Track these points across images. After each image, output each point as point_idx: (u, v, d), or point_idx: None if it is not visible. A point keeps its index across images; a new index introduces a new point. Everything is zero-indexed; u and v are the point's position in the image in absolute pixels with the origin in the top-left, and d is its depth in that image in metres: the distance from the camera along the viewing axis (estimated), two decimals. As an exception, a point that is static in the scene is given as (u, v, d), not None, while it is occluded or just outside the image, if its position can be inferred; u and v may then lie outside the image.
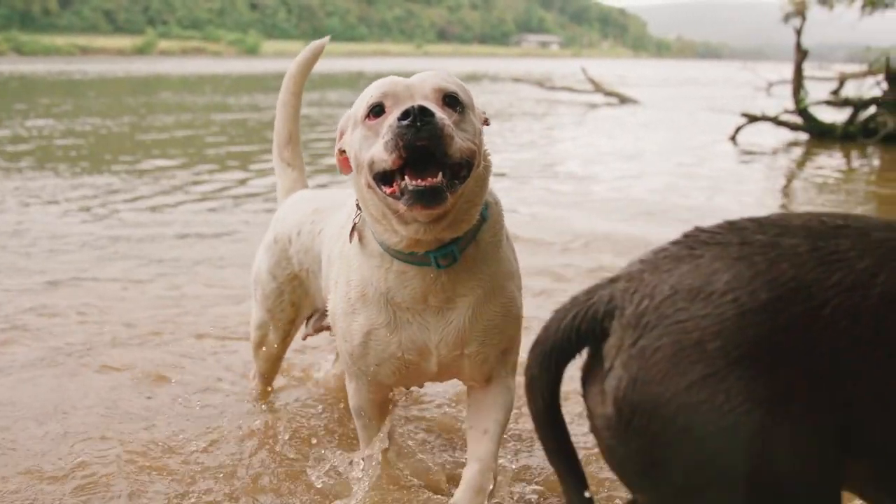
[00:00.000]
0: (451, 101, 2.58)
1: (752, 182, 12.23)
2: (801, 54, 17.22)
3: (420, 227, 2.59)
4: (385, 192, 2.52)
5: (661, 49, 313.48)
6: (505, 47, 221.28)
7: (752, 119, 16.59)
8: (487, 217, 2.79)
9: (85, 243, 7.44)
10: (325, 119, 20.55)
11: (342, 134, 2.78)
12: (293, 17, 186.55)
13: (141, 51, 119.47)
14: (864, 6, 23.43)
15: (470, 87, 2.68)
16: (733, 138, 16.70)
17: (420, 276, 2.72)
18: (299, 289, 3.61)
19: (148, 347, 4.92)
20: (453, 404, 4.13)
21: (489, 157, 2.76)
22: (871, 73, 18.08)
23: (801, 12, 20.23)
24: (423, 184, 2.42)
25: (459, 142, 2.48)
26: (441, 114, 2.47)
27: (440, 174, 2.44)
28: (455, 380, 3.11)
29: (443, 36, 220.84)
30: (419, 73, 2.68)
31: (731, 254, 1.81)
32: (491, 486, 2.90)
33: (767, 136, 17.31)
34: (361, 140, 2.59)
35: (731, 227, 1.89)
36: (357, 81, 41.92)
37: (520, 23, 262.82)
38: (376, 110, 2.56)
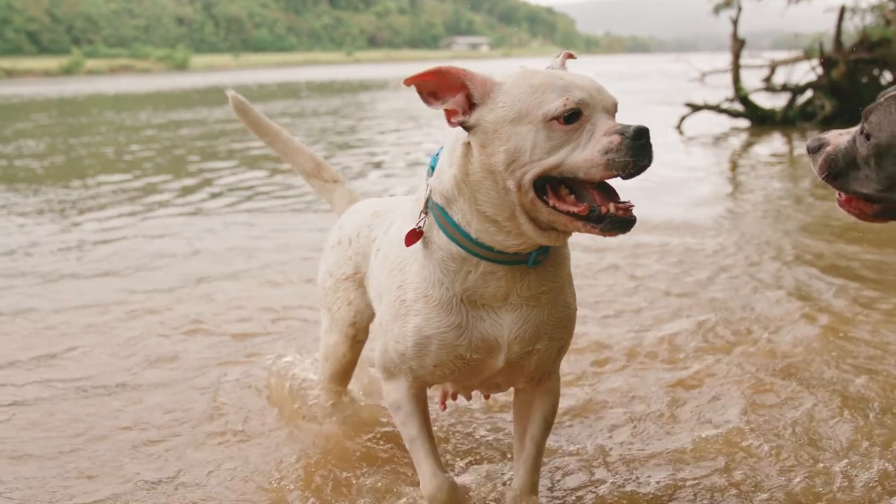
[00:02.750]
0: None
1: (701, 169, 12.65)
2: (739, 44, 17.72)
3: (560, 236, 2.58)
4: (560, 208, 2.47)
5: (591, 45, 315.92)
6: (436, 51, 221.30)
7: (696, 108, 17.04)
8: None
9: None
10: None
11: (466, 110, 2.55)
12: (221, 30, 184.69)
13: (68, 71, 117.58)
14: (791, -6, 24.07)
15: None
16: (678, 127, 17.13)
17: (509, 274, 2.68)
18: (353, 290, 3.55)
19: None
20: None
21: None
22: (802, 58, 18.62)
23: (730, 3, 20.75)
24: (628, 213, 2.45)
25: None
26: None
27: (629, 201, 2.48)
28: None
29: (373, 42, 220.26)
30: (583, 76, 2.60)
31: None
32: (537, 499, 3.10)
33: (710, 125, 17.76)
34: (539, 140, 2.45)
35: None
36: (296, 91, 41.92)
37: (449, 26, 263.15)
38: (573, 117, 2.46)
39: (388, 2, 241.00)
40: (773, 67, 19.45)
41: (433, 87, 2.55)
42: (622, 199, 2.49)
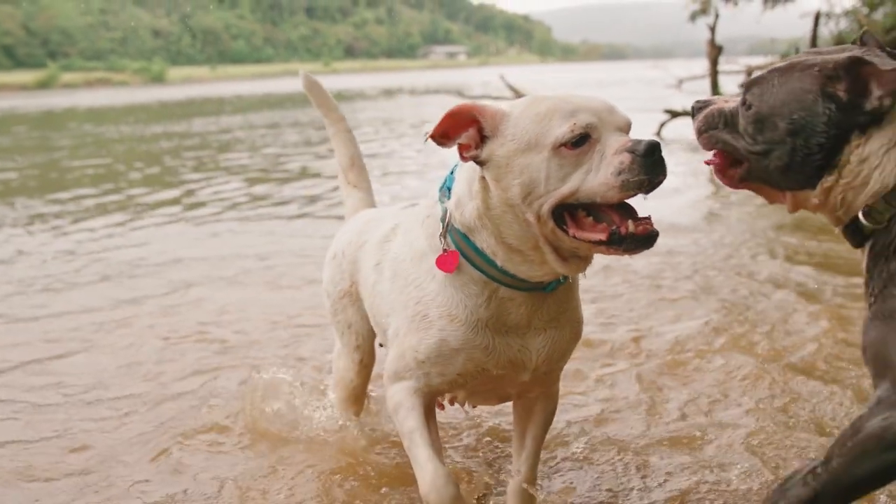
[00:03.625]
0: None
1: (682, 174, 12.77)
2: (716, 50, 17.91)
3: (580, 263, 2.58)
4: (581, 237, 2.45)
5: (568, 53, 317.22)
6: (413, 60, 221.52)
7: (674, 115, 17.15)
8: None
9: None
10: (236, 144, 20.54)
11: (478, 143, 2.54)
12: (198, 42, 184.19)
13: (44, 84, 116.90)
14: (766, 1, 24.32)
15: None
16: (658, 133, 17.26)
17: (529, 301, 2.69)
18: (351, 308, 3.49)
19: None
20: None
21: None
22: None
23: (706, 10, 20.95)
24: (648, 228, 2.42)
25: None
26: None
27: (649, 216, 2.45)
28: None
29: (350, 52, 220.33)
30: (593, 97, 2.56)
31: None
32: (536, 489, 3.19)
33: (689, 130, 17.88)
34: (552, 168, 2.43)
35: None
36: (283, 103, 41.90)
37: (426, 35, 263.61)
38: (583, 139, 2.43)
39: (365, 12, 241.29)
40: (749, 73, 19.63)
41: (445, 129, 2.53)
42: (640, 213, 2.47)
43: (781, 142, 2.41)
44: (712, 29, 18.39)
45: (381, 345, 3.48)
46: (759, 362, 4.79)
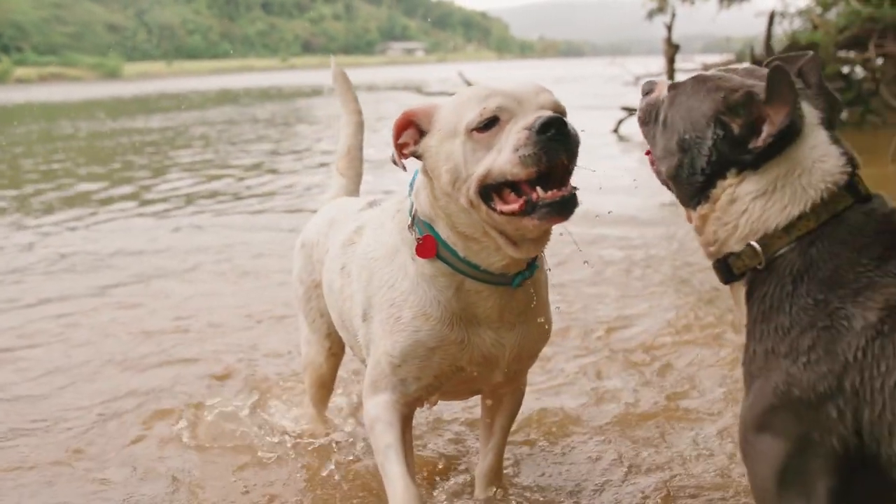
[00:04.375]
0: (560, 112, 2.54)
1: (640, 170, 12.93)
2: (673, 48, 18.11)
3: (531, 245, 2.57)
4: (501, 209, 2.46)
5: (525, 50, 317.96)
6: (370, 56, 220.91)
7: (632, 112, 17.31)
8: None
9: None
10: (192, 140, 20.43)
11: (417, 140, 2.65)
12: (154, 37, 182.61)
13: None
14: (721, 0, 24.61)
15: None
16: (616, 130, 17.44)
17: (496, 294, 2.69)
18: (323, 297, 3.46)
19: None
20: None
21: None
22: (734, 61, 19.07)
23: (663, 8, 21.17)
24: (559, 194, 2.40)
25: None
26: (571, 125, 2.45)
27: (570, 184, 2.44)
28: None
29: (307, 48, 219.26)
30: (521, 82, 2.61)
31: None
32: (497, 481, 3.28)
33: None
34: (467, 153, 2.49)
35: None
36: (240, 99, 41.71)
37: (384, 31, 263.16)
38: (489, 123, 2.48)
39: (322, 7, 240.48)
40: (706, 70, 19.82)
41: (396, 138, 2.66)
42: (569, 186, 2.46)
43: (673, 153, 2.33)
44: (669, 27, 18.58)
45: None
46: (731, 352, 4.81)
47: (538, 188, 2.41)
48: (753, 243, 2.19)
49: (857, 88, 17.52)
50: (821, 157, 2.16)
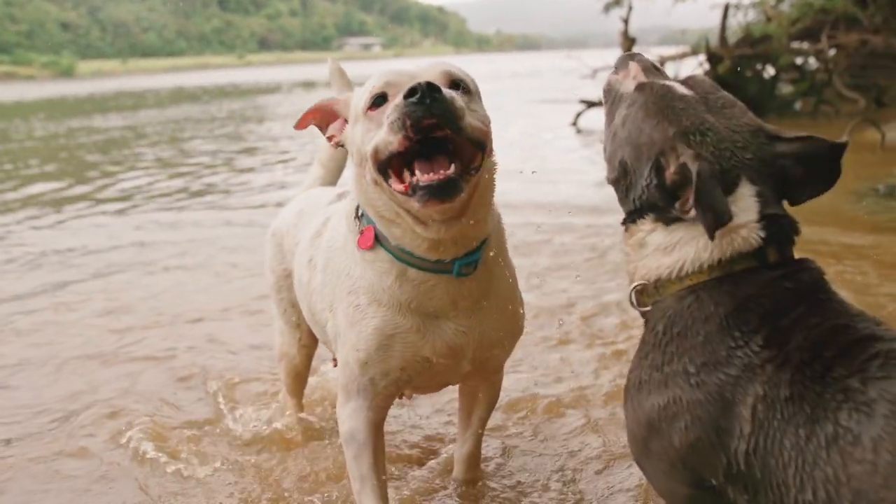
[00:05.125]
0: (459, 87, 2.47)
1: (600, 162, 13.10)
2: (629, 41, 18.26)
3: (439, 226, 2.47)
4: (394, 189, 2.41)
5: (482, 44, 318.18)
6: (328, 52, 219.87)
7: (590, 105, 17.47)
8: (494, 223, 2.75)
9: None
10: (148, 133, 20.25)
11: (329, 120, 2.73)
12: (108, 35, 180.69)
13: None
14: (679, -8, 24.79)
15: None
16: (574, 124, 17.57)
17: (443, 283, 2.62)
18: (293, 288, 3.42)
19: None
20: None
21: (495, 158, 2.66)
22: (690, 54, 19.26)
23: (619, 1, 21.30)
24: (435, 177, 2.31)
25: (471, 120, 2.37)
26: (449, 91, 2.35)
27: (452, 165, 2.33)
28: None
29: (264, 45, 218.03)
30: (422, 62, 2.60)
31: None
32: (474, 470, 3.37)
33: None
34: (363, 133, 2.47)
35: None
36: (198, 97, 41.37)
37: (340, 27, 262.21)
38: (378, 101, 2.44)
39: (278, 4, 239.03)
40: (661, 63, 20.00)
41: (320, 122, 2.75)
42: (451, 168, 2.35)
43: (615, 167, 2.29)
44: (626, 20, 18.74)
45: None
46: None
47: (417, 170, 2.34)
48: (650, 283, 2.22)
49: (811, 79, 17.82)
50: (731, 228, 2.08)
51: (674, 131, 2.12)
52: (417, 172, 2.33)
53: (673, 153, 2.11)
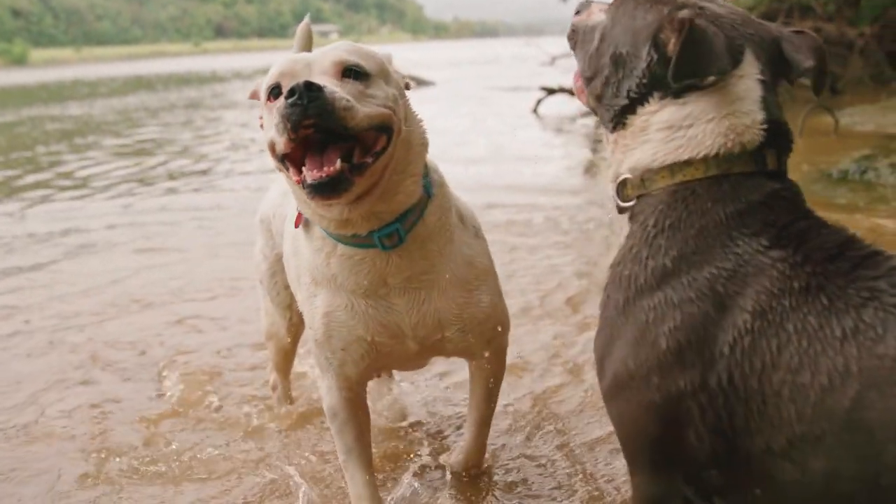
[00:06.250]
0: (354, 73, 2.40)
1: (562, 147, 13.33)
2: (588, 28, 18.38)
3: (342, 208, 2.43)
4: (293, 179, 2.39)
5: (440, 31, 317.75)
6: (284, 39, 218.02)
7: (551, 91, 17.60)
8: (432, 195, 2.66)
9: None
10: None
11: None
12: (61, 22, 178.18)
13: None
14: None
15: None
16: (535, 110, 17.71)
17: (370, 258, 2.58)
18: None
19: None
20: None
21: (422, 126, 2.65)
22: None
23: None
24: (319, 174, 2.28)
25: (364, 110, 2.32)
26: (334, 87, 2.30)
27: (339, 161, 2.28)
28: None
29: (220, 32, 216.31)
30: (321, 49, 2.54)
31: None
32: (476, 462, 3.24)
33: (564, 106, 18.28)
34: (266, 122, 2.44)
35: None
36: (154, 85, 41.00)
37: (297, 14, 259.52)
38: (275, 91, 2.42)
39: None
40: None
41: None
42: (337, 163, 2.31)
43: (603, 68, 2.21)
44: (584, 8, 18.89)
45: None
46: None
47: (305, 166, 2.32)
48: (637, 174, 2.14)
49: (766, 65, 18.05)
50: (737, 111, 2.06)
51: (669, 9, 2.10)
52: (304, 169, 2.31)
53: (670, 25, 2.06)
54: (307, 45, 3.41)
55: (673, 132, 2.08)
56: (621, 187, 2.18)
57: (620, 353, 2.05)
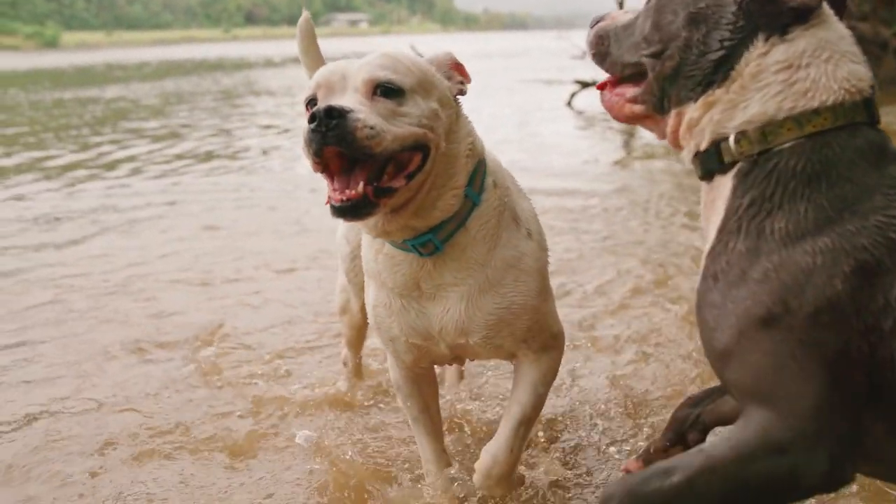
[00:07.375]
0: (387, 90, 2.35)
1: (592, 139, 13.39)
2: (623, 21, 18.36)
3: (375, 219, 2.44)
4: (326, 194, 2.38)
5: (470, 22, 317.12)
6: (315, 28, 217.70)
7: (585, 85, 17.61)
8: (479, 202, 2.59)
9: None
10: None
11: None
12: (93, 6, 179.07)
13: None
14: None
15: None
16: (569, 104, 17.74)
17: (408, 261, 2.60)
18: None
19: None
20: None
21: (472, 135, 2.60)
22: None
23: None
24: (341, 197, 2.28)
25: (394, 131, 2.29)
26: (360, 108, 2.27)
27: (361, 184, 2.27)
28: None
29: (250, 19, 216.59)
30: (365, 56, 2.48)
31: None
32: (501, 471, 2.85)
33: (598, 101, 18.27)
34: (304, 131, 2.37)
35: None
36: (188, 71, 41.13)
37: (328, 2, 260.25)
38: (312, 103, 2.41)
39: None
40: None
41: None
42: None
43: (676, 36, 2.06)
44: (620, 2, 18.89)
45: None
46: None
47: (331, 185, 2.32)
48: (756, 127, 1.97)
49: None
50: (848, 52, 1.97)
51: None
52: (329, 189, 2.32)
53: None
54: (310, 42, 3.43)
55: (794, 72, 1.94)
56: (727, 145, 2.00)
57: (767, 291, 1.87)
